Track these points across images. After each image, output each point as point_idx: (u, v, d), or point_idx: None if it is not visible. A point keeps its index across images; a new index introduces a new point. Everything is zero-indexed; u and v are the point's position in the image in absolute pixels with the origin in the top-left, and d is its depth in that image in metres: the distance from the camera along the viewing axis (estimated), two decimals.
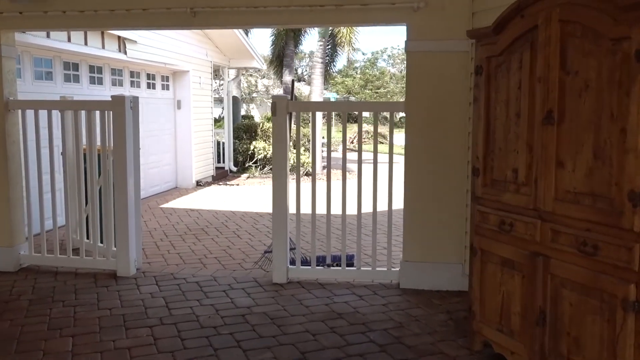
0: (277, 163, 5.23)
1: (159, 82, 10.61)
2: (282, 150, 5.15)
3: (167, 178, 11.01)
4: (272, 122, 5.16)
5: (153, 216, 8.49)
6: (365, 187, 5.43)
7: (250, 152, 13.90)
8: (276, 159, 5.22)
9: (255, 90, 43.25)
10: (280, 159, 5.20)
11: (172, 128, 11.11)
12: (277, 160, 5.22)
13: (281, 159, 5.19)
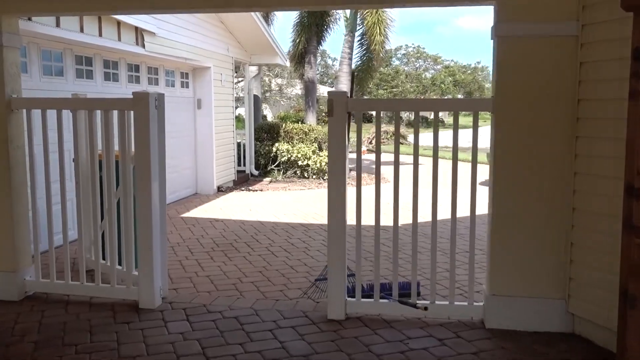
0: (334, 171, 4.35)
1: (178, 79, 9.75)
2: (340, 156, 4.27)
3: (187, 183, 10.15)
4: (328, 122, 4.26)
5: (174, 228, 7.62)
6: (419, 196, 4.49)
7: (272, 154, 13.02)
8: (333, 167, 4.34)
9: (269, 89, 42.39)
10: (337, 166, 4.32)
11: (191, 129, 10.25)
12: (334, 168, 4.34)
13: (339, 167, 4.31)
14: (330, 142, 4.26)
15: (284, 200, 10.20)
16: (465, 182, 4.30)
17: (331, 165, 4.33)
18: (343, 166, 4.31)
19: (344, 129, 4.23)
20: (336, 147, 4.25)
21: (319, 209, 9.32)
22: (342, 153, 4.27)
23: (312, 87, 16.04)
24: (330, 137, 4.25)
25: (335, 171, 4.32)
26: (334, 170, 4.32)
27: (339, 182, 4.33)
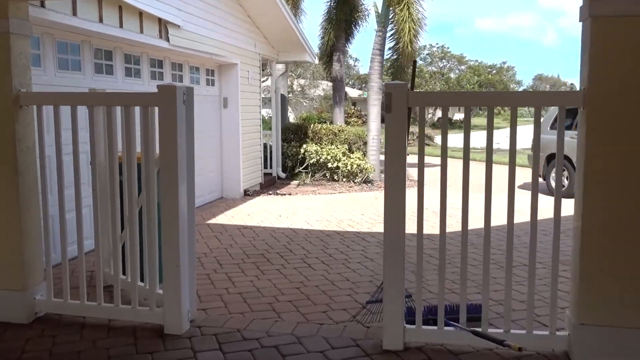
0: (392, 176, 3.73)
1: (204, 76, 9.20)
2: (399, 158, 3.65)
3: (212, 187, 9.60)
4: (385, 119, 3.62)
5: (200, 236, 7.04)
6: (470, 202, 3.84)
7: (300, 156, 12.41)
8: (391, 170, 3.72)
9: (291, 90, 41.87)
10: (396, 170, 3.70)
11: (217, 129, 9.70)
12: (392, 172, 3.72)
13: (397, 170, 3.70)
14: (388, 142, 3.64)
15: (314, 205, 9.58)
16: (504, 186, 3.67)
17: (389, 169, 3.71)
18: (402, 170, 3.69)
19: (403, 126, 3.60)
20: (394, 147, 3.63)
21: (353, 215, 8.69)
22: (401, 155, 3.65)
23: (340, 86, 15.41)
24: (388, 136, 3.62)
25: (394, 175, 3.70)
26: (392, 174, 3.70)
27: (397, 188, 3.71)
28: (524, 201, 5.47)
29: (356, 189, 11.49)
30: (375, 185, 11.95)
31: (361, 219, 8.39)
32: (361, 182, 11.91)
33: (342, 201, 9.97)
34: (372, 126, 12.57)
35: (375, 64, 12.42)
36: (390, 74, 14.80)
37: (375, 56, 12.37)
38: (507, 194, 3.65)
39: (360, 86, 60.41)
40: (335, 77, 15.32)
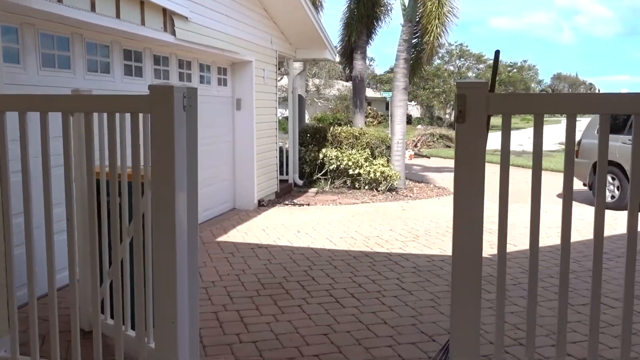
0: (466, 196, 2.77)
1: (215, 75, 8.31)
2: (477, 175, 2.69)
3: (224, 197, 8.70)
4: (456, 128, 2.68)
5: (209, 258, 6.15)
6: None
7: (319, 161, 11.49)
8: (465, 190, 2.76)
9: (306, 89, 40.96)
10: (471, 184, 2.73)
11: (230, 134, 8.80)
12: (464, 186, 2.75)
13: (473, 185, 2.73)
14: (460, 155, 2.69)
15: (336, 217, 8.64)
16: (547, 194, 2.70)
17: (461, 188, 2.76)
18: (481, 183, 2.73)
19: (481, 137, 2.65)
20: (469, 162, 2.68)
21: (381, 230, 7.74)
22: (478, 171, 2.69)
23: (360, 87, 14.47)
24: (460, 154, 2.67)
25: (470, 190, 2.74)
26: (465, 194, 2.75)
27: (472, 211, 2.75)
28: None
29: (380, 198, 10.54)
30: (400, 194, 10.99)
31: (390, 236, 7.44)
32: (385, 190, 10.96)
33: (366, 213, 9.02)
34: (397, 129, 11.61)
35: (401, 62, 11.45)
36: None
37: (401, 53, 11.41)
38: (562, 207, 2.67)
39: (375, 86, 59.35)
40: (355, 77, 14.38)
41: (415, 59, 13.47)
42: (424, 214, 9.09)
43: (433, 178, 14.53)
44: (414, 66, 13.62)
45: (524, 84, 52.10)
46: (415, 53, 13.05)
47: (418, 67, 13.85)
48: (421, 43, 13.17)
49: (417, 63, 13.67)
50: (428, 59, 13.92)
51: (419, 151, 24.57)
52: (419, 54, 13.45)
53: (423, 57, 13.29)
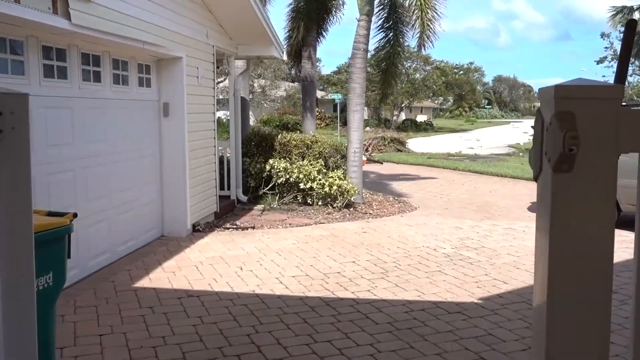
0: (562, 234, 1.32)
1: (134, 73, 6.73)
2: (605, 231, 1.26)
3: (149, 224, 7.11)
4: (552, 181, 1.28)
5: (119, 317, 4.60)
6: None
7: (265, 174, 10.03)
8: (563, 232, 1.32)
9: (252, 90, 39.29)
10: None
11: (155, 145, 7.24)
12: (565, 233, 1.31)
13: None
14: (561, 203, 1.28)
15: (287, 245, 7.21)
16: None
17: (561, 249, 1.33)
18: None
19: (612, 177, 1.24)
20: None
21: (342, 263, 6.37)
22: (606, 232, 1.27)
23: (311, 88, 13.09)
24: (559, 224, 1.26)
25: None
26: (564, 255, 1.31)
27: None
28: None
29: (337, 216, 9.18)
30: (359, 211, 9.66)
31: (354, 271, 6.08)
32: (342, 206, 9.61)
33: (322, 239, 7.62)
34: (354, 137, 10.29)
35: (358, 61, 10.14)
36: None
37: (358, 51, 10.09)
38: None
39: (322, 87, 58.22)
40: (305, 78, 13.00)
41: (388, 58, 12.09)
42: (389, 237, 7.79)
43: (390, 187, 13.31)
44: (388, 72, 12.29)
45: (469, 86, 52.14)
46: (391, 49, 11.67)
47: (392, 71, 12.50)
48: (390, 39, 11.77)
49: (392, 63, 12.27)
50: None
51: (370, 156, 23.43)
52: (396, 50, 12.02)
53: (400, 49, 11.94)
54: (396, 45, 11.58)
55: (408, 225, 8.67)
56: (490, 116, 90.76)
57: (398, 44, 11.57)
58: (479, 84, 63.19)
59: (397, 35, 11.46)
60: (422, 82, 49.85)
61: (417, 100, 53.10)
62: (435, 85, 48.56)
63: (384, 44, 11.60)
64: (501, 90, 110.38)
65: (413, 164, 20.09)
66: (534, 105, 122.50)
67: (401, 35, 11.52)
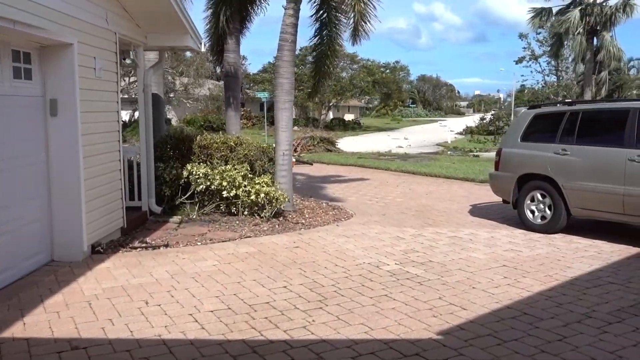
0: None
1: (8, 62, 5.41)
2: None
3: (32, 248, 5.78)
4: None
5: None
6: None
7: (183, 181, 8.84)
8: None
9: (173, 89, 37.40)
10: None
11: (40, 151, 5.92)
12: None
13: None
14: None
15: (206, 268, 6.10)
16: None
17: None
18: None
19: None
20: None
21: (270, 288, 5.34)
22: None
23: (234, 83, 11.90)
24: None
25: None
26: None
27: None
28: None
29: (265, 228, 8.12)
30: (289, 220, 8.65)
31: (286, 300, 5.07)
32: (270, 216, 8.57)
33: (248, 258, 6.56)
34: (282, 138, 9.27)
35: (285, 53, 9.11)
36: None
37: (285, 42, 9.07)
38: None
39: (249, 85, 56.78)
40: (228, 72, 11.81)
41: (322, 52, 11.06)
42: (324, 252, 6.83)
43: (322, 191, 12.40)
44: (320, 71, 11.29)
45: (396, 85, 52.37)
46: (327, 41, 10.63)
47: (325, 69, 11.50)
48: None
49: (324, 59, 11.25)
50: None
51: (299, 156, 22.49)
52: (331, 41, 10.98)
53: (337, 45, 10.96)
54: (329, 36, 10.64)
55: (345, 236, 7.75)
56: (415, 115, 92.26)
57: (330, 35, 10.63)
58: (405, 82, 63.78)
59: (330, 23, 10.52)
60: (350, 81, 49.50)
61: (345, 99, 52.78)
62: (362, 83, 48.31)
63: (315, 33, 10.63)
64: (425, 90, 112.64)
65: (344, 165, 19.31)
66: (456, 104, 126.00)
67: (334, 25, 10.57)
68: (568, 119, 7.78)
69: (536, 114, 8.31)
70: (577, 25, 30.80)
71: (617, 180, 6.98)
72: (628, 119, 7.06)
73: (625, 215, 7.00)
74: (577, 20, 30.61)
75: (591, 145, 7.42)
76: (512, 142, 8.49)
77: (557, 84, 61.46)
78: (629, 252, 6.82)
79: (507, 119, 42.68)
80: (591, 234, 7.78)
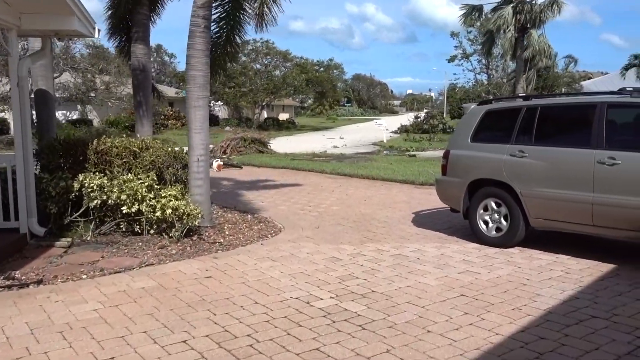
0: None
1: None
2: None
3: None
4: None
5: None
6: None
7: (74, 194, 7.26)
8: None
9: (93, 87, 34.83)
10: None
11: None
12: None
13: None
14: None
15: (83, 315, 4.63)
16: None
17: None
18: None
19: None
20: None
21: (164, 344, 3.96)
22: None
23: (144, 79, 10.31)
24: None
25: None
26: None
27: None
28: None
29: (173, 251, 6.69)
30: (205, 240, 7.25)
31: None
32: (181, 236, 7.14)
33: (144, 296, 5.14)
34: (197, 140, 7.85)
35: (198, 41, 7.68)
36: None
37: (197, 28, 7.64)
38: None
39: (178, 84, 54.41)
40: (136, 67, 10.23)
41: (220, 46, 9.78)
42: (243, 283, 5.51)
43: (250, 199, 11.04)
44: (219, 53, 9.93)
45: (330, 83, 51.49)
46: (226, 31, 9.32)
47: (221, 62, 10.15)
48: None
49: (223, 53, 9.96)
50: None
51: (228, 159, 20.98)
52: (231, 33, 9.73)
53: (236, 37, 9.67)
54: (233, 18, 9.31)
55: (271, 259, 6.45)
56: (350, 114, 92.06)
57: (234, 17, 9.31)
58: (340, 81, 63.07)
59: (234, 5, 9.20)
60: (283, 79, 48.15)
61: (278, 98, 51.40)
62: (296, 82, 47.05)
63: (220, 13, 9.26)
64: (360, 89, 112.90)
65: (276, 167, 17.99)
66: (389, 103, 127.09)
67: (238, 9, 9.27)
68: (524, 115, 6.78)
69: (488, 111, 7.28)
70: (509, 22, 30.82)
71: (585, 186, 6.02)
72: (595, 115, 6.11)
73: (595, 227, 6.04)
74: (509, 18, 30.63)
75: (553, 146, 6.44)
76: (461, 143, 7.44)
77: (487, 83, 62.52)
78: (600, 271, 5.87)
79: (441, 117, 42.63)
80: (552, 247, 6.82)
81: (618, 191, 5.77)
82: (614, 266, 6.02)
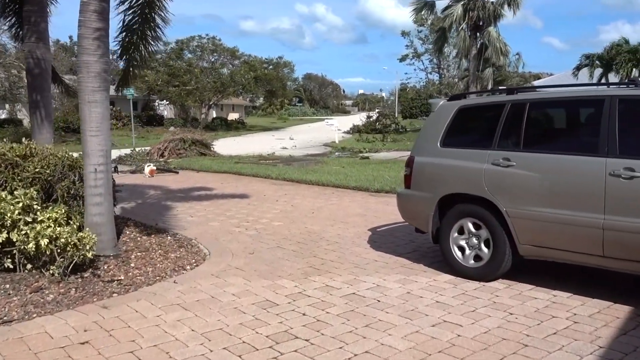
0: None
1: None
2: None
3: None
4: None
5: None
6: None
7: None
8: None
9: (19, 84, 32.03)
10: None
11: None
12: None
13: None
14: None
15: None
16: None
17: None
18: None
19: None
20: None
21: None
22: None
23: (41, 74, 8.40)
24: None
25: None
26: None
27: None
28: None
29: (50, 297, 4.94)
30: (100, 277, 5.51)
31: None
32: (65, 272, 5.38)
33: None
34: (93, 145, 6.10)
35: (90, 16, 5.92)
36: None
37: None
38: None
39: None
40: (31, 67, 8.29)
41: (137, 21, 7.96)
42: (132, 354, 3.84)
43: (177, 213, 9.31)
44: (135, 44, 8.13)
45: (280, 82, 49.83)
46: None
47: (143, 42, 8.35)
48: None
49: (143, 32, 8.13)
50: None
51: (165, 162, 19.05)
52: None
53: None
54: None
55: (182, 307, 4.79)
56: (302, 113, 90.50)
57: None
58: (290, 80, 61.39)
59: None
60: (230, 77, 46.12)
61: (226, 97, 49.34)
62: (244, 80, 45.13)
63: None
64: (311, 88, 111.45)
65: (217, 172, 16.26)
66: (341, 103, 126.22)
67: None
68: (509, 113, 5.34)
69: (462, 107, 5.79)
70: (460, 20, 29.97)
71: (593, 205, 4.61)
72: (603, 113, 4.71)
73: (606, 258, 4.64)
74: (459, 15, 29.77)
75: (548, 152, 5.02)
76: (429, 149, 5.93)
77: (439, 82, 62.19)
78: (615, 317, 4.48)
79: (394, 117, 41.56)
80: (542, 279, 5.41)
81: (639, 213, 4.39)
82: (629, 308, 4.64)
